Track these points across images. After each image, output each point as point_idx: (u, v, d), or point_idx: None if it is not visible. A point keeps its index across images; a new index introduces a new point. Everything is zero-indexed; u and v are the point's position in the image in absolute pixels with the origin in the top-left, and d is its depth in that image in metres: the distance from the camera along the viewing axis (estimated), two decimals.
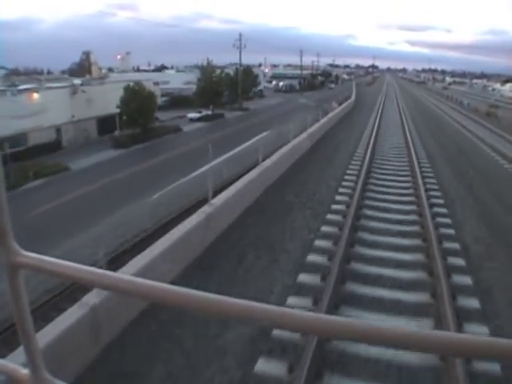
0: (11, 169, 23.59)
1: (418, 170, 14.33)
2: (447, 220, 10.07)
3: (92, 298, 4.94)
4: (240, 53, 53.91)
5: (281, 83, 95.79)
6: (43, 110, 30.92)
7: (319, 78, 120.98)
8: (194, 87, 54.60)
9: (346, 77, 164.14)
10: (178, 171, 21.98)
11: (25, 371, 0.82)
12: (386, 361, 5.05)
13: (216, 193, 9.56)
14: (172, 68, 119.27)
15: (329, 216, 10.04)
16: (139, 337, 5.38)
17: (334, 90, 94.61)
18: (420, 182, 12.84)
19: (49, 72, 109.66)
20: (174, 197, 17.29)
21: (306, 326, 0.64)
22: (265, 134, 32.46)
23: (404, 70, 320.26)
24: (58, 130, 33.26)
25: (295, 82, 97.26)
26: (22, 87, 36.69)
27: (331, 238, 8.58)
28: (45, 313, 8.17)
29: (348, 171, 14.58)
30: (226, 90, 51.70)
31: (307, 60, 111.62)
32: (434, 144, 22.14)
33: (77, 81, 39.18)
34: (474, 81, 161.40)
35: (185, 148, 29.48)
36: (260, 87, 71.89)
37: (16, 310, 0.78)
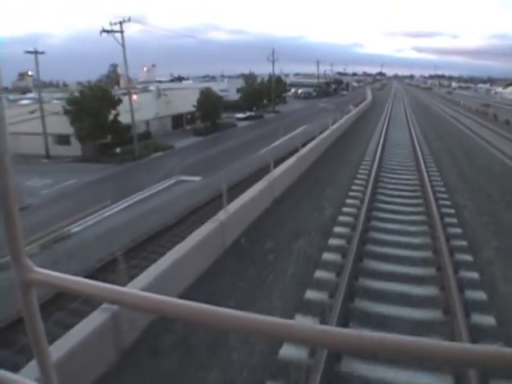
0: (138, 146, 34.68)
1: (413, 130, 26.58)
2: (421, 137, 23.00)
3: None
4: (273, 65, 65.26)
5: (299, 90, 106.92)
6: (139, 108, 41.94)
7: (332, 85, 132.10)
8: (228, 94, 66.01)
9: (355, 84, 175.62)
10: (256, 146, 32.64)
11: None
12: None
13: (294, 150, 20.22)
14: (188, 79, 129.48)
15: (373, 137, 22.47)
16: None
17: (347, 96, 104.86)
18: (413, 132, 25.35)
19: (64, 84, 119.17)
20: (272, 152, 27.58)
21: (317, 339, 0.65)
22: (304, 126, 43.10)
23: (411, 77, 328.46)
24: (147, 123, 44.32)
25: (311, 90, 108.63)
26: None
27: (376, 140, 20.87)
28: None
29: (376, 128, 27.15)
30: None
31: (315, 69, 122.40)
32: (425, 122, 34.30)
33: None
34: (479, 85, 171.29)
35: (247, 136, 40.32)
36: (284, 94, 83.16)
37: (29, 326, 0.78)
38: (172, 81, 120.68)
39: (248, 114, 55.64)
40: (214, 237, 7.72)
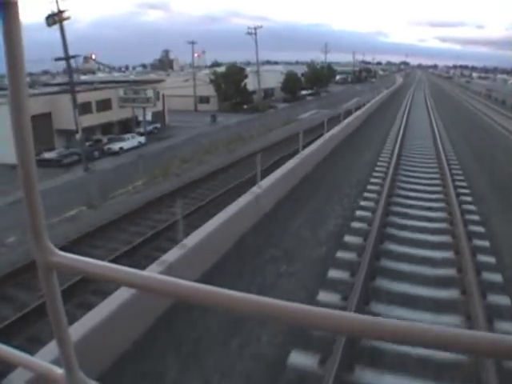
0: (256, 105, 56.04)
1: (428, 100, 47.10)
2: (431, 97, 43.83)
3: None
4: (325, 55, 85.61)
5: (337, 77, 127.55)
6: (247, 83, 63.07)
7: (363, 73, 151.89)
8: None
9: (381, 73, 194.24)
10: (335, 105, 53.18)
11: (59, 371, 0.84)
12: None
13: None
14: (222, 64, 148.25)
15: (407, 95, 43.22)
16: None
17: (375, 83, 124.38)
18: (427, 100, 45.96)
19: (98, 68, 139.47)
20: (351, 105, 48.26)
21: (335, 325, 0.64)
22: (356, 98, 63.61)
23: (435, 67, 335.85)
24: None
25: (345, 76, 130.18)
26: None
27: (408, 96, 41.63)
28: None
29: (407, 95, 47.98)
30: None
31: (339, 57, 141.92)
32: (437, 95, 55.05)
33: None
34: (498, 76, 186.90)
35: (321, 103, 61.14)
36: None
37: (50, 309, 0.79)
38: (211, 66, 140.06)
39: (310, 91, 76.57)
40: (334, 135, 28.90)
